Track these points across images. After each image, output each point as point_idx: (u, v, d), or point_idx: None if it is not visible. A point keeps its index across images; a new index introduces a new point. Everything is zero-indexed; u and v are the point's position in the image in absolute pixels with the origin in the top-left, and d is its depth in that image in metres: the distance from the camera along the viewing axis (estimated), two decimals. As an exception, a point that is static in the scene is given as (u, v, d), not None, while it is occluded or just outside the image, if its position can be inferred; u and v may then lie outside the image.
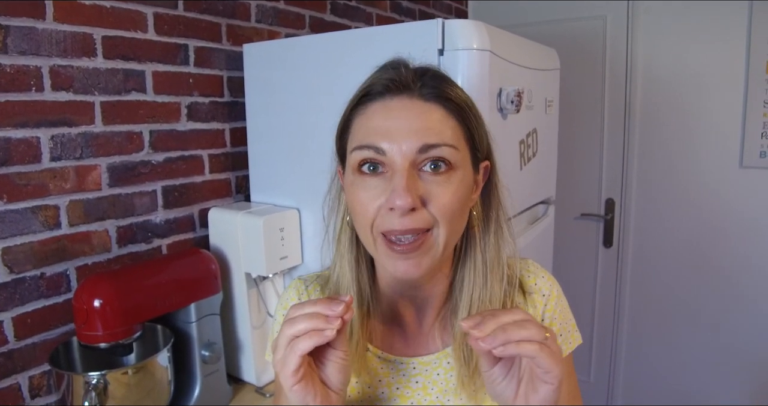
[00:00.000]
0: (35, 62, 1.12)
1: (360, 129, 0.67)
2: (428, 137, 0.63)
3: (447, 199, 0.63)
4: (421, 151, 0.62)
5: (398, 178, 0.62)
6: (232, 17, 1.52)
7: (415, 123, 0.63)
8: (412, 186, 0.62)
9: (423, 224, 0.63)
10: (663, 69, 2.30)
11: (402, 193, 0.60)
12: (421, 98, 0.65)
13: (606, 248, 2.54)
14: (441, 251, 0.65)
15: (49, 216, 1.16)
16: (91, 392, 1.02)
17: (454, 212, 0.64)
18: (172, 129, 1.39)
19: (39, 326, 1.16)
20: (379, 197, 0.63)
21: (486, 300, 0.71)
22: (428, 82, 0.67)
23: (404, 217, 0.62)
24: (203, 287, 1.26)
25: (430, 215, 0.63)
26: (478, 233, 0.72)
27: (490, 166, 0.73)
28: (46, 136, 1.14)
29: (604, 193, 2.51)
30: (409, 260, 0.64)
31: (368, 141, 0.64)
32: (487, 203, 0.74)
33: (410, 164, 0.62)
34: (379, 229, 0.64)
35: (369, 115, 0.66)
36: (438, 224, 0.64)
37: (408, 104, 0.65)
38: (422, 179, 0.63)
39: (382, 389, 0.75)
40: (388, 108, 0.65)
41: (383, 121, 0.64)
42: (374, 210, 0.64)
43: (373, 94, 0.67)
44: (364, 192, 0.65)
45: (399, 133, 0.63)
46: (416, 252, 0.63)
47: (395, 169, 0.63)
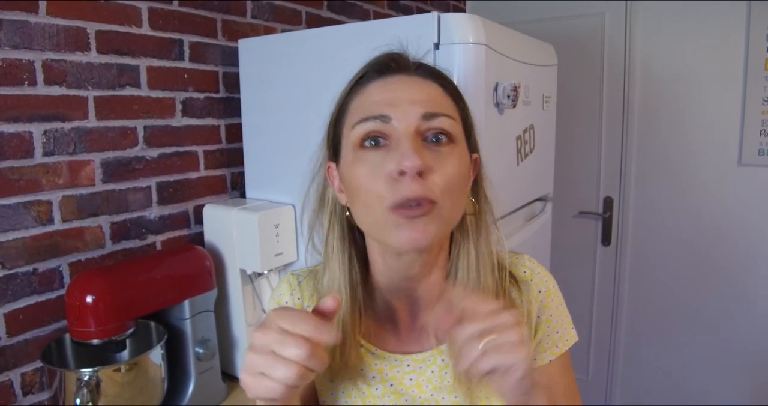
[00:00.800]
0: (28, 56, 1.11)
1: (360, 106, 0.67)
2: (430, 107, 0.64)
3: (449, 170, 0.63)
4: (424, 117, 0.63)
5: (406, 143, 0.62)
6: (227, 13, 1.51)
7: (417, 94, 0.65)
8: (420, 150, 0.62)
9: (431, 193, 0.61)
10: (661, 66, 2.30)
11: (412, 155, 0.60)
12: (419, 76, 0.68)
13: (604, 247, 2.53)
14: (444, 225, 0.65)
15: (42, 211, 1.15)
16: (83, 389, 1.01)
17: (456, 187, 0.64)
18: (167, 124, 1.38)
19: (31, 322, 1.15)
20: (384, 168, 0.62)
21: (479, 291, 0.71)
22: (424, 65, 0.70)
23: (414, 182, 0.60)
24: (197, 284, 1.25)
25: (435, 185, 0.62)
26: (470, 226, 0.72)
27: (479, 159, 0.74)
28: (38, 131, 1.13)
29: (602, 191, 2.50)
30: (416, 225, 0.61)
31: (372, 112, 0.64)
32: (476, 196, 0.74)
33: (415, 131, 0.63)
34: (387, 202, 0.61)
35: (369, 92, 0.67)
36: (442, 197, 0.62)
37: (407, 80, 0.67)
38: (426, 149, 0.63)
39: (376, 385, 0.74)
40: (388, 83, 0.67)
41: (385, 94, 0.65)
42: (382, 183, 0.62)
43: (370, 74, 0.68)
44: (368, 166, 0.63)
45: (402, 101, 0.64)
46: (423, 217, 0.61)
47: (400, 137, 0.62)
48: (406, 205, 0.61)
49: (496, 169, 0.78)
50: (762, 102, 2.09)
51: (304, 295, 0.79)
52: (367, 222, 0.67)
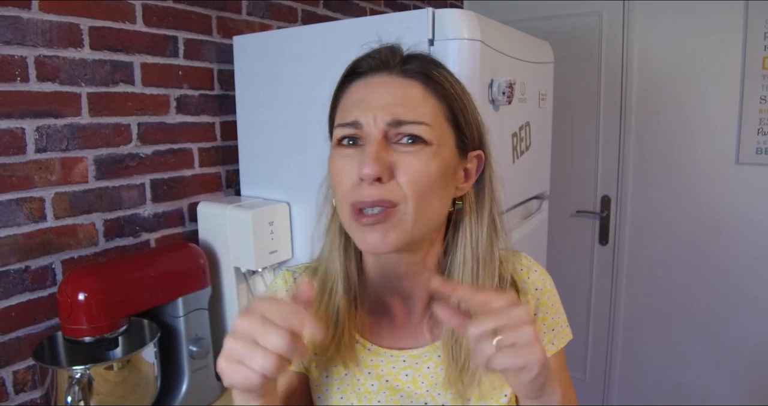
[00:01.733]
0: (20, 52, 1.10)
1: (342, 107, 0.68)
2: (401, 113, 0.63)
3: (416, 171, 0.62)
4: (391, 124, 0.63)
5: (368, 148, 0.62)
6: (222, 10, 1.51)
7: (390, 97, 0.64)
8: (381, 155, 0.61)
9: (390, 196, 0.62)
10: (659, 65, 2.29)
11: (368, 162, 0.60)
12: (401, 75, 0.66)
13: (602, 246, 2.52)
14: (410, 229, 0.63)
15: (34, 208, 1.15)
16: (74, 387, 1.00)
17: (424, 188, 0.63)
18: (161, 122, 1.38)
19: (23, 320, 1.14)
20: (354, 168, 0.63)
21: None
22: (412, 61, 0.67)
23: (372, 187, 0.61)
24: (191, 281, 1.24)
25: (398, 187, 0.62)
26: (469, 226, 0.71)
27: (483, 157, 0.72)
28: (31, 128, 1.13)
29: (600, 190, 2.50)
30: (375, 232, 0.62)
31: (348, 118, 0.65)
32: (481, 196, 0.72)
33: (383, 135, 0.63)
34: (349, 202, 0.63)
35: (351, 93, 0.68)
36: (406, 200, 0.62)
37: (387, 80, 0.66)
38: (395, 151, 0.63)
39: (372, 381, 0.74)
40: (368, 84, 0.66)
41: (361, 96, 0.66)
42: (349, 183, 0.63)
43: (356, 72, 0.69)
44: (341, 161, 0.65)
45: (374, 105, 0.63)
46: (382, 224, 0.62)
47: (368, 140, 0.63)
48: (364, 208, 0.62)
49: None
50: (760, 101, 2.09)
51: None
52: (341, 217, 0.68)
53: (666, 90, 2.29)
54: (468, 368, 0.69)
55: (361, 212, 0.62)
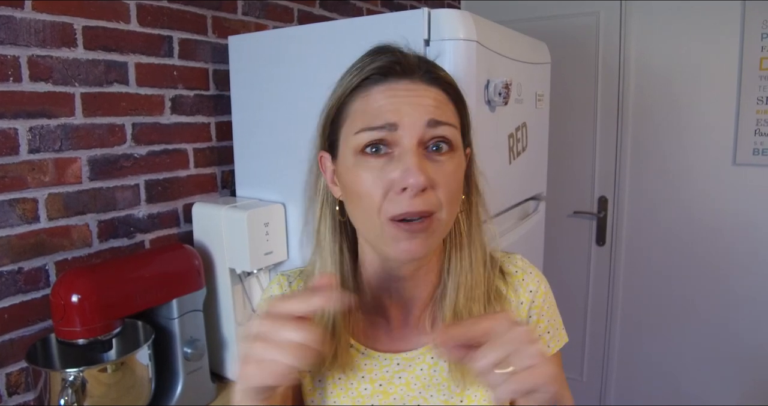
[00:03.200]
0: (13, 52, 1.09)
1: (363, 111, 0.65)
2: (436, 114, 0.63)
3: (450, 180, 0.64)
4: (429, 125, 0.63)
5: (410, 157, 0.61)
6: (218, 10, 1.50)
7: (422, 100, 0.64)
8: (423, 165, 0.61)
9: (432, 206, 0.62)
10: (656, 66, 2.29)
11: (416, 172, 0.60)
12: (423, 82, 0.66)
13: (599, 247, 2.52)
14: (442, 232, 0.66)
15: (27, 209, 1.14)
16: (68, 390, 0.99)
17: (454, 195, 0.65)
18: (156, 122, 1.37)
19: (16, 321, 1.14)
20: (386, 179, 0.62)
21: (472, 284, 0.71)
22: (430, 68, 0.68)
23: (416, 198, 0.61)
24: (186, 283, 1.23)
25: (436, 197, 0.62)
26: (462, 219, 0.72)
27: (470, 153, 0.74)
28: (24, 128, 1.12)
29: (597, 190, 2.50)
30: (416, 239, 0.63)
31: (379, 121, 0.63)
32: (467, 189, 0.74)
33: (418, 142, 0.62)
34: (387, 214, 0.62)
35: (373, 97, 0.65)
36: (441, 208, 0.63)
37: (411, 86, 0.65)
38: (428, 159, 0.63)
39: (365, 385, 0.74)
40: (393, 89, 0.65)
41: (390, 100, 0.64)
42: (381, 194, 0.62)
43: (374, 77, 0.66)
44: (369, 174, 0.63)
45: (407, 108, 0.63)
46: (423, 233, 0.63)
47: (404, 149, 0.62)
48: (406, 219, 0.62)
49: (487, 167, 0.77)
50: (757, 101, 2.09)
51: None
52: (364, 228, 0.67)
53: (663, 91, 2.29)
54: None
55: (403, 221, 0.62)
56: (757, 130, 2.10)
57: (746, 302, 2.21)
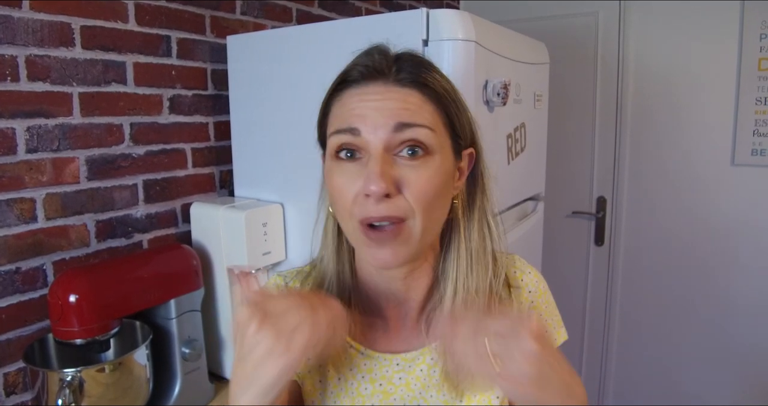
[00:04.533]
0: (10, 51, 1.09)
1: (336, 115, 0.66)
2: (403, 116, 0.62)
3: (422, 185, 0.62)
4: (395, 129, 0.61)
5: (372, 163, 0.61)
6: (216, 9, 1.50)
7: (390, 103, 0.62)
8: (387, 171, 0.60)
9: (399, 211, 0.61)
10: (655, 66, 2.29)
11: (375, 178, 0.59)
12: (397, 84, 0.64)
13: (597, 247, 2.52)
14: (418, 241, 0.64)
15: (25, 209, 1.13)
16: (65, 390, 0.99)
17: (431, 200, 0.63)
18: (154, 122, 1.37)
19: (14, 321, 1.13)
20: (356, 183, 0.62)
21: (471, 289, 0.70)
22: (405, 67, 0.65)
23: (380, 203, 0.60)
24: (184, 283, 1.23)
25: (406, 202, 0.61)
26: (463, 222, 0.71)
27: (474, 153, 0.72)
28: (21, 128, 1.12)
29: (595, 191, 2.50)
30: (386, 248, 0.62)
31: (344, 125, 0.63)
32: (472, 191, 0.73)
33: (385, 147, 0.61)
34: (356, 217, 0.63)
35: (344, 101, 0.65)
36: (414, 214, 0.62)
37: (383, 89, 0.63)
38: (398, 164, 0.62)
39: (366, 385, 0.74)
40: (363, 92, 0.64)
41: (358, 104, 0.63)
42: (352, 197, 0.62)
43: (349, 81, 0.66)
44: (341, 178, 0.64)
45: (373, 113, 0.62)
46: (393, 241, 0.62)
47: (370, 153, 0.61)
48: (373, 224, 0.62)
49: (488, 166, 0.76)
50: (755, 102, 2.09)
51: None
52: (345, 230, 0.68)
53: (662, 91, 2.29)
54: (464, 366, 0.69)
55: (371, 227, 0.62)
56: (755, 131, 2.10)
57: (744, 301, 2.21)
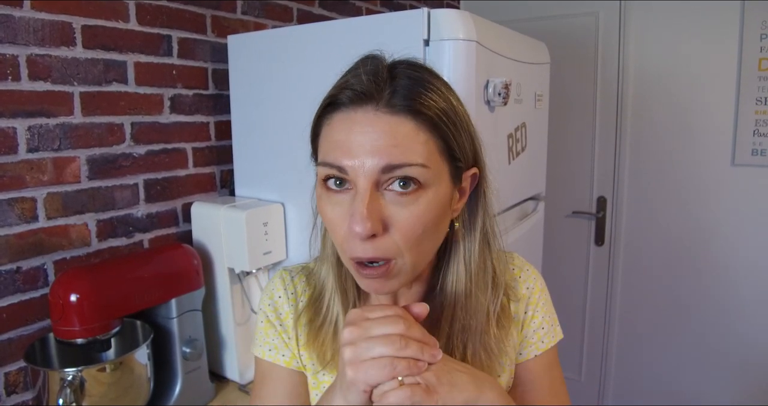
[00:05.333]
0: (11, 51, 1.09)
1: (324, 142, 0.62)
2: (393, 156, 0.57)
3: (411, 224, 0.59)
4: (384, 171, 0.57)
5: (358, 203, 0.57)
6: (217, 9, 1.50)
7: (379, 140, 0.57)
8: (373, 210, 0.57)
9: (385, 253, 0.59)
10: (655, 66, 2.29)
11: (360, 220, 0.57)
12: (388, 111, 0.58)
13: (597, 246, 2.52)
14: (408, 273, 0.63)
15: (26, 209, 1.14)
16: (66, 389, 0.99)
17: (420, 237, 0.60)
18: (155, 121, 1.37)
19: (15, 321, 1.13)
20: (345, 219, 0.60)
21: (471, 311, 0.69)
22: (398, 90, 0.59)
23: (366, 243, 0.58)
24: (184, 282, 1.23)
25: (393, 242, 0.59)
26: (462, 241, 0.69)
27: (478, 172, 0.68)
28: (22, 127, 1.12)
29: (596, 191, 2.50)
30: (374, 282, 0.62)
31: (330, 158, 0.60)
32: (474, 210, 0.70)
33: (373, 185, 0.58)
34: (347, 254, 0.61)
35: (333, 127, 0.61)
36: (401, 253, 0.60)
37: (372, 118, 0.58)
38: (387, 200, 0.59)
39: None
40: (352, 121, 0.59)
41: (345, 136, 0.59)
42: (343, 233, 0.61)
43: (337, 103, 0.61)
44: (332, 209, 0.61)
45: (361, 150, 0.57)
46: (383, 278, 0.61)
47: (357, 190, 0.58)
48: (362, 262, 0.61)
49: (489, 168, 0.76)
50: (756, 102, 2.08)
51: (297, 290, 0.79)
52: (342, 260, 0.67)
53: (662, 91, 2.29)
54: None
55: (361, 264, 0.61)
56: (755, 131, 2.10)
57: (744, 301, 2.21)
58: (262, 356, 0.78)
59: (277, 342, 0.77)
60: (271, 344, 0.77)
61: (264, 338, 0.78)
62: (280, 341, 0.77)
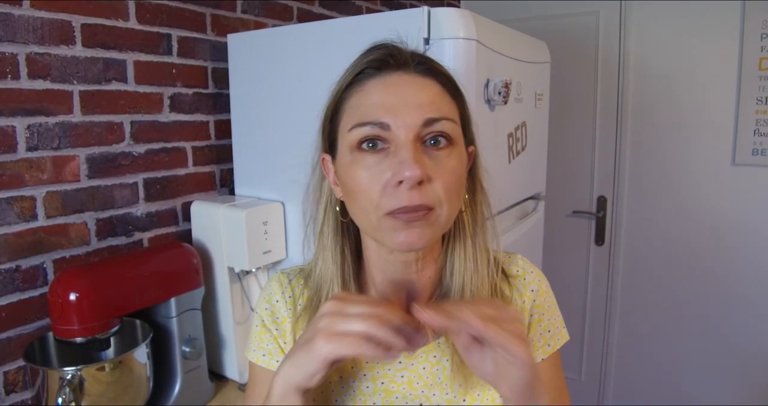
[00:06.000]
0: (11, 49, 1.09)
1: (358, 107, 0.65)
2: (431, 111, 0.62)
3: (450, 177, 0.63)
4: (425, 124, 0.62)
5: (406, 151, 0.60)
6: (217, 7, 1.50)
7: (417, 97, 0.63)
8: (420, 158, 0.60)
9: (430, 200, 0.61)
10: (656, 66, 2.29)
11: (412, 164, 0.59)
12: (418, 74, 0.65)
13: (597, 246, 2.52)
14: (442, 227, 0.65)
15: (25, 207, 1.13)
16: (65, 388, 0.99)
17: (455, 190, 0.64)
18: (154, 120, 1.36)
19: (14, 320, 1.13)
20: (383, 175, 0.61)
21: (478, 284, 0.70)
22: (423, 59, 0.67)
23: (413, 191, 0.60)
24: (184, 282, 1.23)
25: (434, 191, 0.61)
26: (467, 217, 0.71)
27: (474, 151, 0.73)
28: (22, 126, 1.11)
29: (596, 190, 2.49)
30: (413, 229, 0.62)
31: (371, 118, 0.62)
32: (472, 188, 0.73)
33: (414, 138, 0.61)
34: (383, 210, 0.61)
35: (367, 92, 0.65)
36: (441, 203, 0.62)
37: (407, 79, 0.64)
38: (426, 154, 0.62)
39: (367, 383, 0.73)
40: (387, 83, 0.64)
41: (384, 96, 0.63)
42: (380, 188, 0.61)
43: (368, 71, 0.66)
44: (366, 170, 0.62)
45: (402, 107, 0.62)
46: (421, 222, 0.62)
47: (399, 144, 0.61)
48: (403, 211, 0.61)
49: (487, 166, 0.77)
50: (756, 102, 2.08)
51: (295, 293, 0.78)
52: (363, 223, 0.67)
53: (662, 90, 2.29)
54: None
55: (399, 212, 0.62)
56: (756, 131, 2.10)
57: (745, 301, 2.21)
58: (255, 360, 0.78)
59: (272, 347, 0.77)
60: (266, 349, 0.77)
61: (258, 342, 0.78)
62: (275, 346, 0.77)
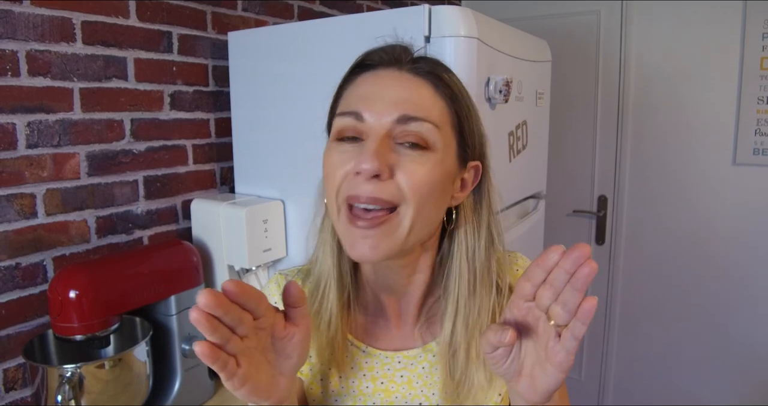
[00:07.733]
0: (11, 46, 1.09)
1: (346, 98, 0.66)
2: (409, 109, 0.61)
3: (419, 175, 0.60)
4: (399, 121, 0.60)
5: (370, 143, 0.59)
6: (217, 5, 1.49)
7: (399, 93, 0.62)
8: (383, 152, 0.59)
9: (388, 195, 0.59)
10: (657, 65, 2.29)
11: (368, 157, 0.58)
12: (412, 72, 0.64)
13: (598, 246, 2.52)
14: (405, 236, 0.61)
15: (25, 205, 1.13)
16: (65, 386, 0.99)
17: (425, 194, 0.60)
18: (155, 118, 1.36)
19: (14, 317, 1.13)
20: (349, 162, 0.61)
21: (474, 310, 0.68)
22: (423, 60, 0.66)
23: (369, 183, 0.59)
24: (184, 279, 1.23)
25: (397, 188, 0.59)
26: (465, 238, 0.69)
27: (481, 168, 0.70)
28: (22, 123, 1.11)
29: (597, 189, 2.49)
30: (367, 239, 0.60)
31: (350, 108, 0.63)
32: (478, 208, 0.71)
33: (386, 133, 0.60)
34: (343, 195, 0.61)
35: (357, 84, 0.66)
36: (406, 201, 0.60)
37: (395, 75, 0.64)
38: (396, 151, 0.60)
39: (367, 383, 0.74)
40: (376, 77, 0.64)
41: (367, 88, 0.63)
42: (342, 175, 0.61)
43: (365, 65, 0.67)
44: (336, 156, 0.63)
45: (381, 100, 0.61)
46: (375, 230, 0.59)
47: (370, 136, 0.60)
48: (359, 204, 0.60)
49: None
50: (757, 101, 2.08)
51: None
52: (330, 211, 0.66)
53: (663, 90, 2.28)
54: (465, 380, 0.69)
55: (355, 214, 0.60)
56: (757, 130, 2.10)
57: (745, 301, 2.21)
58: None
59: None
60: None
61: None
62: None
